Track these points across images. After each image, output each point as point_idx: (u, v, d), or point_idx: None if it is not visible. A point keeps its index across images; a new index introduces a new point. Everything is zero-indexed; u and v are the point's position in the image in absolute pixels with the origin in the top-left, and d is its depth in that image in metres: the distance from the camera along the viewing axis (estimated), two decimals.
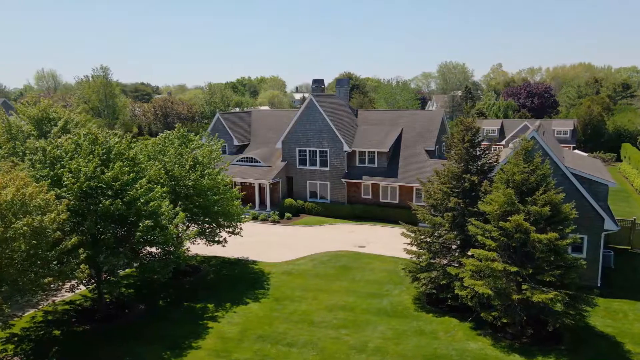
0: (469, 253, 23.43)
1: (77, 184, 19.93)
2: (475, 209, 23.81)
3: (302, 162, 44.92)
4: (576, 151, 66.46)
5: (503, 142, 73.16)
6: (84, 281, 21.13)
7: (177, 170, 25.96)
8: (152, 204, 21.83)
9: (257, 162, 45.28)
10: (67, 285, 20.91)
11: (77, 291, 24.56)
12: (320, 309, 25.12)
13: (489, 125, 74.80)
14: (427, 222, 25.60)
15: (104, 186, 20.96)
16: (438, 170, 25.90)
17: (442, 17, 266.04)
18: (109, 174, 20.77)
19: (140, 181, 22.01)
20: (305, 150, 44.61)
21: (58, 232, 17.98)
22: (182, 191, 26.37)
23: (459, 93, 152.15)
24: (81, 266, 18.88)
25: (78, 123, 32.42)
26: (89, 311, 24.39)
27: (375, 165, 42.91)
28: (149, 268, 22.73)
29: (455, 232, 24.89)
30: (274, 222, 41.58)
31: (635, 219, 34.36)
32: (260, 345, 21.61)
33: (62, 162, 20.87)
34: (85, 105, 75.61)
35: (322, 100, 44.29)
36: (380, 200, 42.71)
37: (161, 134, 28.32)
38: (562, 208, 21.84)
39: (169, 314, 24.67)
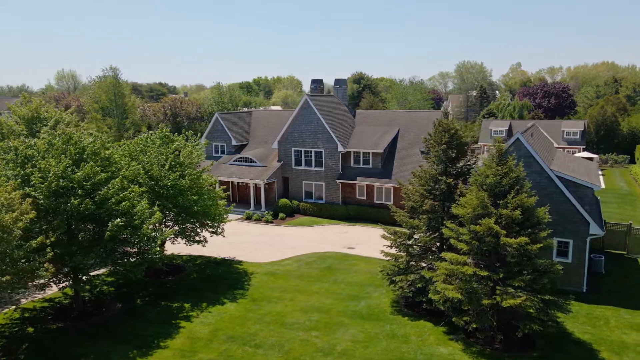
0: (442, 256, 23.07)
1: (46, 183, 20.20)
2: (452, 212, 23.47)
3: (298, 162, 44.88)
4: (583, 153, 65.12)
5: None
6: (52, 279, 21.38)
7: (155, 170, 26.13)
8: (123, 203, 21.98)
9: (253, 162, 45.38)
10: (37, 283, 21.15)
11: (54, 289, 24.94)
12: (296, 311, 25.02)
13: (497, 126, 73.67)
14: (404, 224, 25.31)
15: (75, 186, 21.19)
16: (415, 171, 25.59)
17: (461, 15, 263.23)
18: (79, 173, 20.99)
19: (112, 181, 22.20)
20: (301, 150, 44.55)
21: (20, 231, 18.19)
22: (162, 191, 26.52)
23: (474, 93, 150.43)
24: (45, 264, 19.10)
25: (69, 123, 32.91)
26: (67, 309, 24.71)
27: (370, 166, 42.64)
28: (121, 266, 22.89)
29: (431, 235, 24.57)
30: (267, 222, 41.63)
31: (631, 223, 33.44)
32: (227, 345, 21.61)
33: (33, 162, 21.17)
34: (96, 104, 76.68)
35: (317, 101, 44.17)
36: (375, 201, 42.40)
37: (144, 134, 28.58)
38: (536, 212, 21.39)
39: (145, 313, 24.85)
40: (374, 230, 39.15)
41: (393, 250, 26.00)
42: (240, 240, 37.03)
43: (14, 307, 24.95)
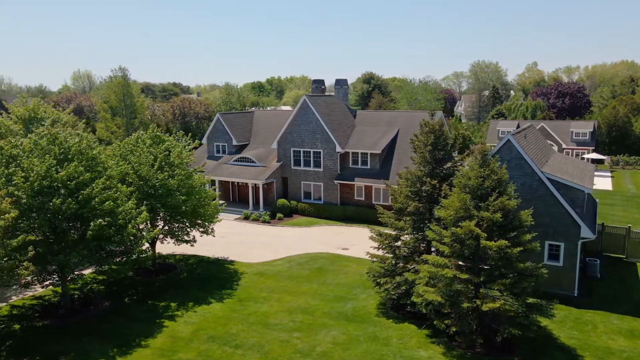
0: (424, 259, 22.86)
1: (28, 183, 20.49)
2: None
3: (297, 162, 44.89)
4: (592, 155, 63.96)
5: None
6: (35, 278, 21.68)
7: (143, 170, 26.34)
8: (107, 203, 22.19)
9: (253, 162, 45.51)
10: (19, 281, 21.46)
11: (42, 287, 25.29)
12: (280, 311, 25.02)
13: (505, 127, 72.73)
14: (390, 226, 25.15)
15: (59, 185, 21.46)
16: (402, 172, 25.40)
17: (477, 14, 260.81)
18: (62, 173, 21.25)
19: (97, 181, 22.43)
20: (300, 150, 44.56)
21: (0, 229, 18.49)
22: (150, 191, 26.73)
23: (486, 93, 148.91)
24: (25, 263, 19.38)
25: (66, 123, 33.36)
26: (55, 306, 25.05)
27: (368, 166, 42.46)
28: (107, 265, 23.14)
29: (416, 237, 24.38)
30: (264, 222, 41.72)
31: (630, 227, 32.75)
32: (208, 345, 21.69)
33: (17, 161, 21.50)
34: (105, 104, 77.63)
35: (316, 101, 44.12)
36: (373, 202, 42.19)
37: (134, 134, 28.84)
38: (519, 215, 21.09)
39: (131, 311, 25.07)
40: (369, 231, 38.91)
41: (380, 252, 25.85)
42: (236, 240, 37.17)
43: (4, 304, 25.37)
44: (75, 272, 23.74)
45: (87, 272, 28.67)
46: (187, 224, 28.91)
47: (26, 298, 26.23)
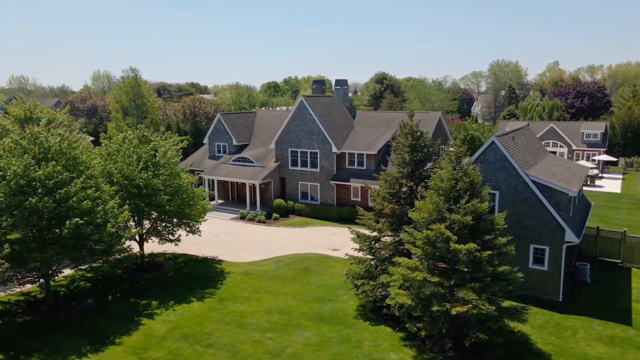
0: (397, 262, 22.67)
1: (4, 181, 20.97)
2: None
3: (294, 163, 44.96)
4: (603, 156, 62.41)
5: None
6: (13, 276, 22.17)
7: (126, 170, 26.71)
8: (85, 202, 22.56)
9: (251, 162, 45.73)
10: None
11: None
12: (258, 311, 25.11)
13: (514, 127, 71.20)
14: (368, 227, 25.03)
15: (38, 184, 21.91)
16: (381, 174, 25.25)
17: (498, 12, 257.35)
18: (39, 172, 21.69)
19: (75, 180, 22.82)
20: (297, 151, 44.62)
21: None
22: (134, 190, 27.08)
23: (502, 93, 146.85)
24: None
25: (62, 122, 34.02)
26: (40, 302, 25.57)
27: (365, 167, 42.27)
28: (86, 264, 23.54)
29: (394, 239, 24.21)
30: (260, 222, 41.89)
31: (625, 231, 31.93)
32: (180, 344, 21.90)
33: None
34: (117, 104, 78.93)
35: (313, 102, 44.12)
36: (369, 203, 41.93)
37: (121, 134, 29.26)
38: (492, 218, 20.78)
39: (112, 309, 25.44)
40: (350, 232, 38.74)
41: (360, 254, 25.74)
42: (229, 239, 37.41)
43: None
44: (55, 270, 24.16)
45: (67, 271, 29.08)
46: (172, 222, 29.17)
47: (13, 294, 26.83)
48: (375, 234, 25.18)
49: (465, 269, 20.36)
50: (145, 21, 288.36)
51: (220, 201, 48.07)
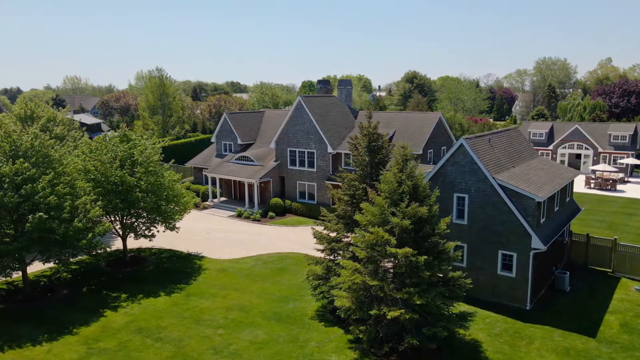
0: (339, 263, 22.58)
1: None
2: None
3: (293, 162, 45.26)
4: (630, 159, 59.18)
5: (551, 147, 67.20)
6: None
7: (101, 167, 27.78)
8: (51, 197, 23.67)
9: (252, 161, 46.37)
10: None
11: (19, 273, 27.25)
12: (219, 308, 25.57)
13: (537, 129, 68.91)
14: (327, 228, 25.05)
15: (6, 180, 23.18)
16: (340, 176, 25.17)
17: (546, 8, 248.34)
18: (6, 168, 22.95)
19: (43, 177, 23.99)
20: (295, 150, 44.89)
21: None
22: (110, 187, 28.14)
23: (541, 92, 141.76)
24: None
25: (59, 122, 35.69)
26: (18, 292, 27.01)
27: None
28: (53, 257, 24.71)
29: (349, 240, 24.09)
30: (255, 220, 42.44)
31: (616, 239, 30.39)
32: (131, 337, 22.63)
33: None
34: (143, 104, 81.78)
35: (311, 102, 44.25)
36: None
37: (103, 133, 30.45)
38: (435, 222, 20.38)
39: (82, 300, 26.55)
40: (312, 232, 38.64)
41: (321, 255, 25.77)
42: (218, 236, 38.14)
43: None
44: (28, 263, 25.47)
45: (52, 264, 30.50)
46: (148, 219, 30.08)
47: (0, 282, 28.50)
48: (331, 234, 25.19)
49: (405, 273, 20.07)
50: (197, 24, 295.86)
51: (223, 199, 49.02)
